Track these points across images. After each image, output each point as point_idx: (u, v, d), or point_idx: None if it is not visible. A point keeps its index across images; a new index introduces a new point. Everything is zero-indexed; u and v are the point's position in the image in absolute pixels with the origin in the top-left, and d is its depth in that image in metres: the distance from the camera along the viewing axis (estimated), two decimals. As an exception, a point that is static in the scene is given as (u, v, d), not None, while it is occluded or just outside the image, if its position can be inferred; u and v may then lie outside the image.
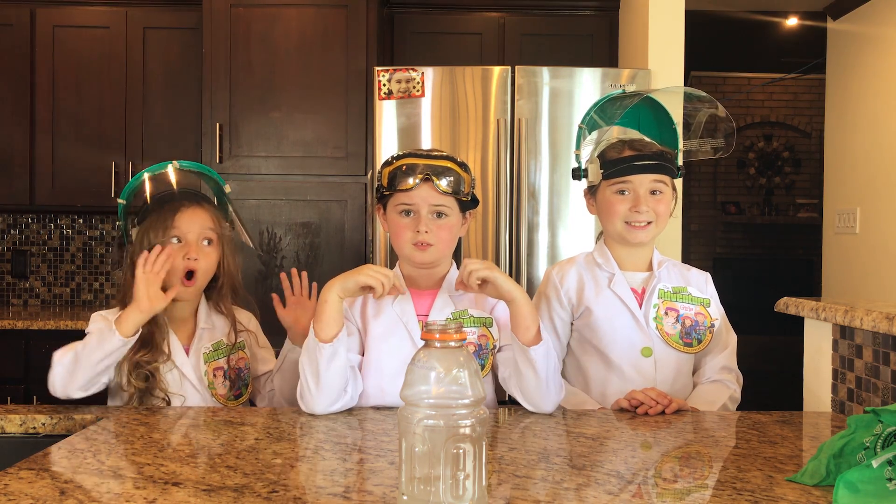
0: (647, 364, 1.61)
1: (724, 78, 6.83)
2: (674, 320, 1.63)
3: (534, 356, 1.42)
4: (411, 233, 1.52)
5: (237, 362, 1.68)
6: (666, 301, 1.64)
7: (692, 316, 1.64)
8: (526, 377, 1.45)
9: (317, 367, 1.42)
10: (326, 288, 1.44)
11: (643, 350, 1.62)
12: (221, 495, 0.98)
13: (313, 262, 3.03)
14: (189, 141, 3.22)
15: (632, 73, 2.82)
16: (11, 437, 1.42)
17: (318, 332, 1.42)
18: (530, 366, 1.43)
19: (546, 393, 1.46)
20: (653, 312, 1.63)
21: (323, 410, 1.44)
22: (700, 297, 1.66)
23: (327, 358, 1.41)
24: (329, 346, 1.41)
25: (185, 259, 1.60)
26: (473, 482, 0.87)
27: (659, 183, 1.63)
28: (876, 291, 3.41)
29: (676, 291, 1.65)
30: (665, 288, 1.65)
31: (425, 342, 0.90)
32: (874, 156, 3.48)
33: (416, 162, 1.51)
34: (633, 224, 1.62)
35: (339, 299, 1.44)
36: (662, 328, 1.62)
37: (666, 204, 1.64)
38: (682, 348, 1.62)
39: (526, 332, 1.43)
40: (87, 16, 3.30)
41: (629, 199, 1.62)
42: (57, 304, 3.63)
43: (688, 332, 1.63)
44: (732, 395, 1.64)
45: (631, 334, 1.62)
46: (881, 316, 1.35)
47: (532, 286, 2.77)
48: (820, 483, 1.03)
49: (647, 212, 1.62)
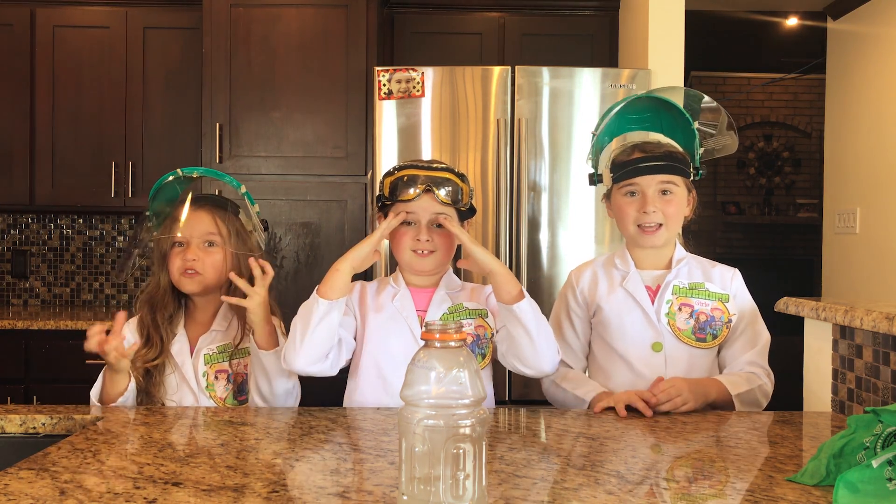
0: (657, 359, 1.63)
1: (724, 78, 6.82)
2: (687, 316, 1.63)
3: (519, 312, 1.46)
4: (411, 241, 1.58)
5: (244, 367, 1.67)
6: (681, 297, 1.64)
7: (708, 311, 1.64)
8: (518, 340, 1.48)
9: (308, 321, 1.46)
10: (339, 260, 1.51)
11: (653, 345, 1.63)
12: (221, 495, 0.98)
13: (313, 262, 3.03)
14: (189, 141, 3.22)
15: (632, 73, 2.82)
16: (11, 437, 1.42)
17: (321, 292, 1.48)
18: (519, 324, 1.46)
19: (541, 350, 1.49)
20: (665, 308, 1.64)
21: (301, 367, 1.49)
22: (719, 293, 1.66)
23: (321, 313, 1.46)
24: (326, 303, 1.46)
25: (185, 260, 1.63)
26: (473, 482, 0.87)
27: (668, 183, 1.63)
28: (876, 291, 3.41)
29: (693, 287, 1.66)
30: (681, 284, 1.66)
31: (425, 342, 0.90)
32: (874, 156, 3.48)
33: (417, 173, 1.57)
34: (644, 228, 1.64)
35: (351, 269, 1.50)
36: (674, 323, 1.63)
37: (676, 205, 1.64)
38: (693, 343, 1.62)
39: (508, 294, 1.47)
40: (87, 16, 3.30)
41: (638, 200, 1.63)
42: (57, 304, 3.63)
43: (702, 328, 1.63)
44: (762, 387, 1.60)
45: (641, 330, 1.64)
46: (881, 316, 1.35)
47: (533, 286, 2.78)
48: (820, 483, 1.03)
49: (654, 213, 1.62)
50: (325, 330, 1.48)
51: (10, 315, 3.12)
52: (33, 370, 2.93)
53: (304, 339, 1.47)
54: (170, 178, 1.65)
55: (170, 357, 1.64)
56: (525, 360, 1.50)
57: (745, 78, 6.83)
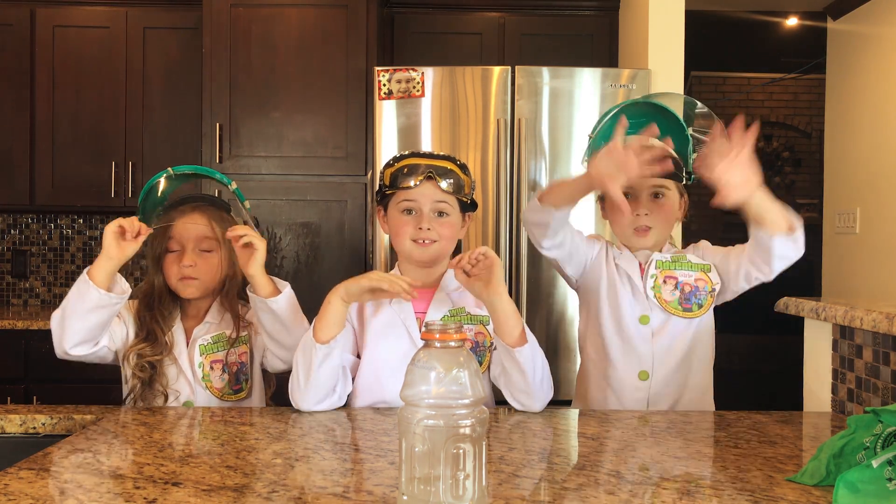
0: (645, 330, 1.68)
1: (724, 78, 6.83)
2: (672, 287, 1.68)
3: (519, 358, 1.43)
4: (413, 229, 1.54)
5: (239, 356, 1.68)
6: (664, 270, 1.69)
7: (692, 282, 1.68)
8: (513, 377, 1.46)
9: (309, 365, 1.44)
10: (332, 291, 1.45)
11: (641, 318, 1.68)
12: (221, 495, 0.98)
13: (313, 261, 3.03)
14: (189, 141, 3.22)
15: (632, 73, 2.82)
16: (11, 437, 1.42)
17: (317, 332, 1.43)
18: (516, 367, 1.44)
19: (534, 393, 1.46)
20: (650, 282, 1.68)
21: (309, 407, 1.47)
22: (700, 264, 1.70)
23: (321, 358, 1.43)
24: (324, 348, 1.42)
25: (182, 266, 1.63)
26: (473, 482, 0.87)
27: (661, 187, 1.68)
28: (876, 291, 3.41)
29: (675, 260, 1.70)
30: (663, 258, 1.70)
31: (425, 342, 0.90)
32: (874, 156, 3.47)
33: (419, 162, 1.55)
34: (637, 230, 1.69)
35: (343, 303, 1.45)
36: (661, 296, 1.68)
37: (668, 208, 1.68)
38: (680, 313, 1.67)
39: (510, 334, 1.44)
40: (87, 16, 3.30)
41: (630, 203, 1.64)
42: (57, 304, 3.62)
43: (687, 298, 1.68)
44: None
45: (630, 304, 1.69)
46: (881, 316, 1.35)
47: (533, 286, 2.78)
48: (820, 483, 1.03)
49: (647, 215, 1.67)
50: (328, 370, 1.45)
51: (10, 315, 3.12)
52: (33, 370, 2.93)
53: (308, 383, 1.44)
54: (161, 177, 1.64)
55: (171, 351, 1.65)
56: (516, 396, 1.48)
57: (745, 78, 6.84)
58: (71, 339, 1.54)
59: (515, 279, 2.77)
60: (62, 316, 1.54)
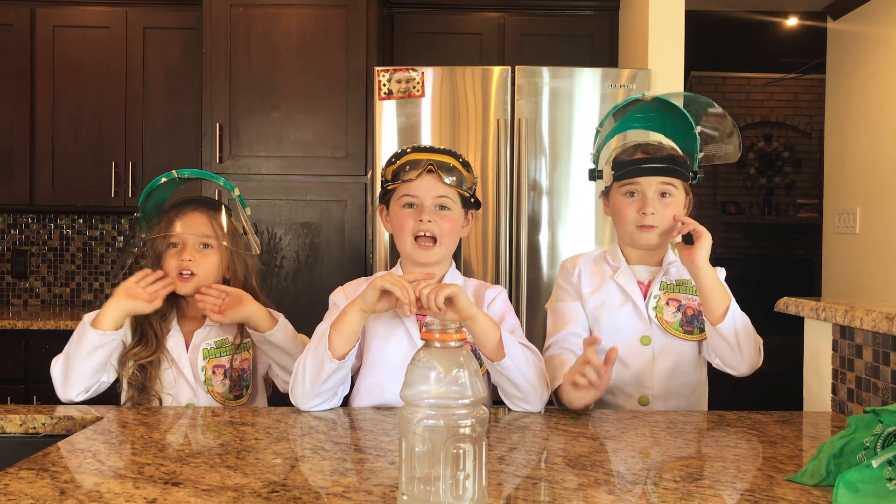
0: (646, 351, 1.65)
1: (724, 78, 6.82)
2: (675, 309, 1.65)
3: (501, 369, 1.43)
4: (414, 223, 1.53)
5: (241, 363, 1.69)
6: (668, 292, 1.66)
7: (695, 306, 1.65)
8: (504, 386, 1.47)
9: (318, 373, 1.44)
10: (348, 305, 1.45)
11: (642, 339, 1.65)
12: (221, 495, 0.98)
13: (313, 261, 3.03)
14: (189, 141, 3.23)
15: (632, 73, 2.82)
16: (11, 437, 1.42)
17: (333, 343, 1.43)
18: (503, 377, 1.44)
19: (529, 398, 1.46)
20: (653, 303, 1.66)
21: (309, 408, 1.48)
22: None
23: (331, 370, 1.44)
24: (337, 363, 1.43)
25: (181, 260, 1.64)
26: (473, 482, 0.87)
27: (668, 185, 1.63)
28: (876, 291, 3.41)
29: (680, 283, 1.67)
30: (668, 280, 1.67)
31: (425, 342, 0.90)
32: (874, 156, 3.48)
33: (420, 157, 1.55)
34: (641, 227, 1.64)
35: (363, 314, 1.44)
36: (662, 317, 1.65)
37: (674, 208, 1.64)
38: (681, 335, 1.65)
39: (486, 347, 1.43)
40: (87, 16, 3.30)
41: (637, 201, 1.64)
42: (57, 304, 3.63)
43: (689, 321, 1.65)
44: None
45: (631, 323, 1.65)
46: (881, 316, 1.35)
47: (533, 286, 2.78)
48: (820, 483, 1.03)
49: (653, 214, 1.62)
50: (336, 380, 1.47)
51: (10, 315, 3.12)
52: (33, 370, 2.93)
53: (315, 388, 1.45)
54: (163, 179, 1.65)
55: (165, 352, 1.65)
56: (512, 401, 1.49)
57: (745, 78, 6.84)
58: (74, 385, 1.57)
59: (515, 279, 2.77)
60: (65, 363, 1.58)
